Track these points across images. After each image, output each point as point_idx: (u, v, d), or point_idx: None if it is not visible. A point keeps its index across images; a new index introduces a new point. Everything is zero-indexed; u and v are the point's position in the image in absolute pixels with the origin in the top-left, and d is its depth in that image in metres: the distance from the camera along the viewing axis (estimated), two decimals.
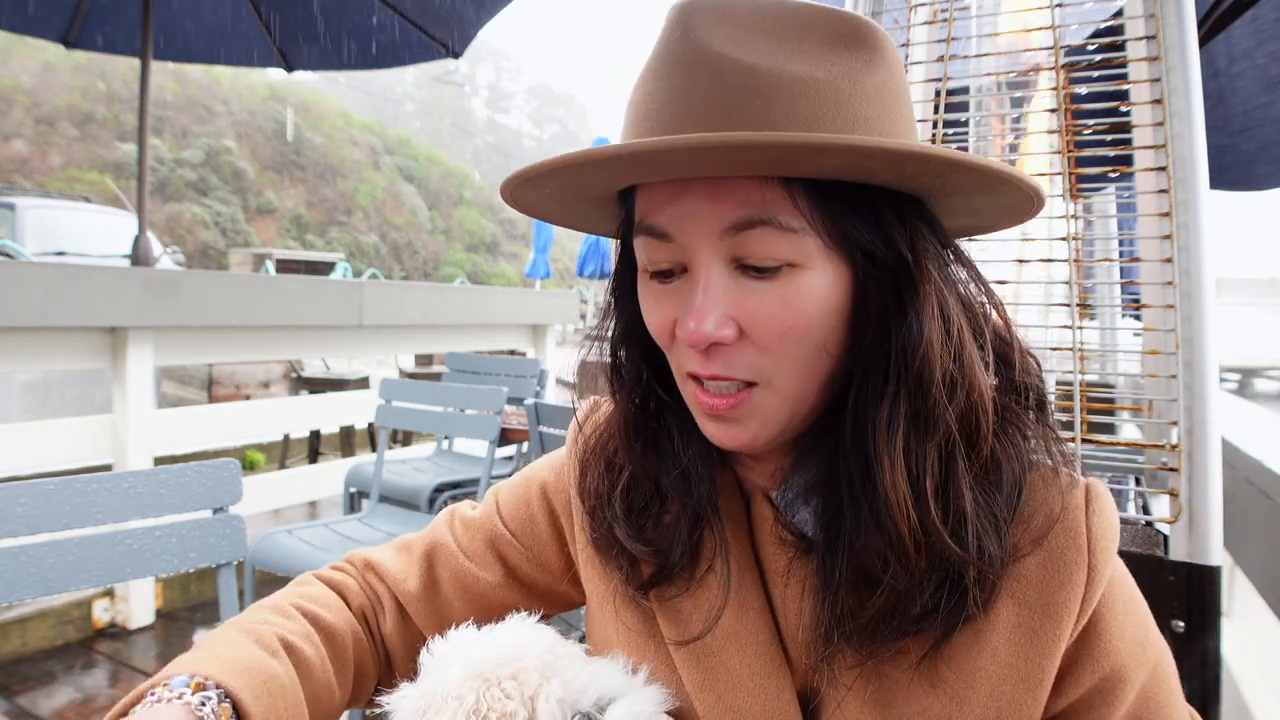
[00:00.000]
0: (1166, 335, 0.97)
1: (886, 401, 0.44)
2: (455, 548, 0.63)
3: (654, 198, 0.46)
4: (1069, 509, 0.47)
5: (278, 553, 2.01)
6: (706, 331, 0.44)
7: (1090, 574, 0.46)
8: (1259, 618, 1.32)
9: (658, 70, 0.45)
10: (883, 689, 0.47)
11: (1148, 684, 0.48)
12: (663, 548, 0.52)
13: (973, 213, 0.48)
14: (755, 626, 0.50)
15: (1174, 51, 0.99)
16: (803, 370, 0.46)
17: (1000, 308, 0.49)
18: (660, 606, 0.53)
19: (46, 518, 1.04)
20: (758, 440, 0.48)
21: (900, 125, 0.45)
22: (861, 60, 0.44)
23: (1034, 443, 0.49)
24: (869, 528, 0.44)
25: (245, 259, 8.68)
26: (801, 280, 0.44)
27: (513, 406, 2.74)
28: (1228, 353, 11.01)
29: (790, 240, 0.43)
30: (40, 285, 2.30)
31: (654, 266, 0.48)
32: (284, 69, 4.07)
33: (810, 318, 0.44)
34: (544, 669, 0.48)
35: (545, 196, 0.50)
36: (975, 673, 0.46)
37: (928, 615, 0.44)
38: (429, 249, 24.07)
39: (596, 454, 0.58)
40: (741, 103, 0.42)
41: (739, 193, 0.43)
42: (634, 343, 0.54)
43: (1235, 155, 2.08)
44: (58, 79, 16.55)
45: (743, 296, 0.45)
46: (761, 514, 0.53)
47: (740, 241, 0.44)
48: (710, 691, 0.50)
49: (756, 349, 0.45)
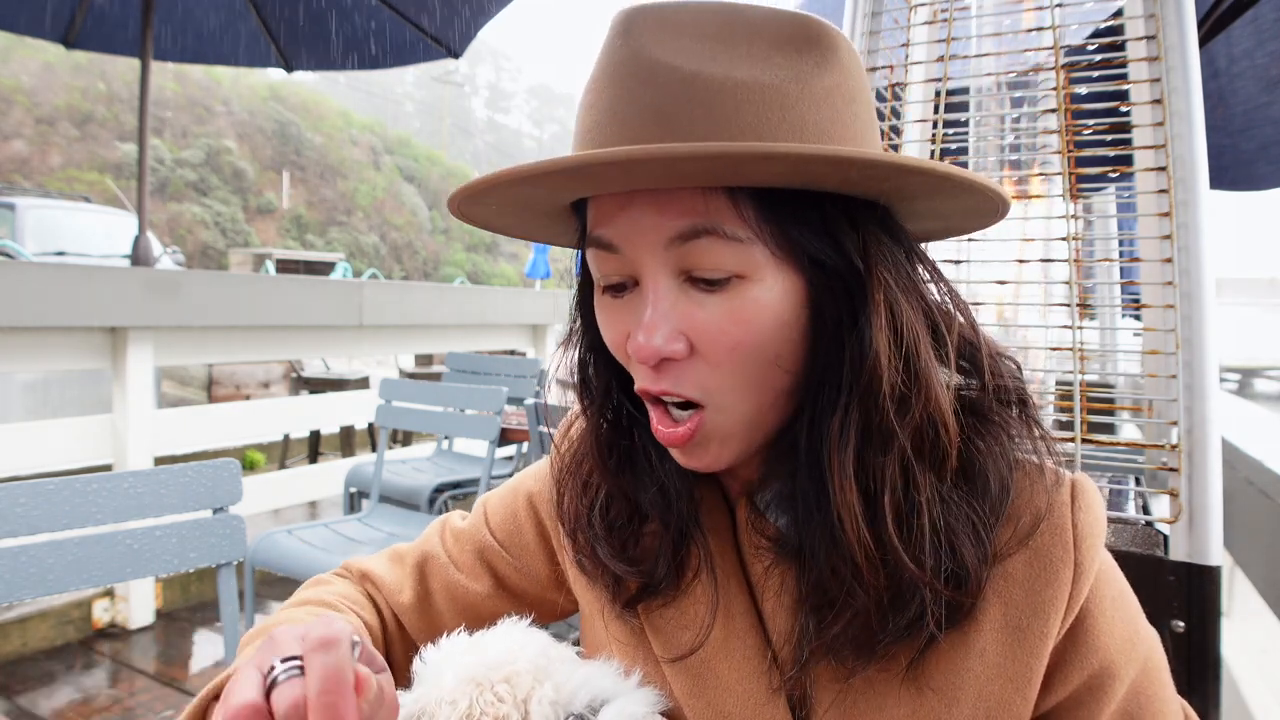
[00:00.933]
0: (1166, 335, 0.97)
1: (838, 414, 0.43)
2: (446, 559, 0.63)
3: (601, 210, 0.45)
4: (1055, 505, 0.47)
5: (278, 553, 2.01)
6: (656, 346, 0.43)
7: (1077, 570, 0.46)
8: (1259, 618, 1.32)
9: (600, 81, 0.44)
10: (870, 695, 0.46)
11: (1138, 679, 0.47)
12: (646, 565, 0.51)
13: (935, 215, 0.47)
14: (743, 634, 0.50)
15: (1174, 51, 0.99)
16: (754, 386, 0.45)
17: (966, 310, 0.48)
18: (648, 621, 0.53)
19: (46, 518, 1.04)
20: (720, 461, 0.47)
21: (854, 128, 0.44)
22: (812, 62, 0.43)
23: (1018, 440, 0.48)
24: (825, 544, 0.43)
25: (245, 259, 8.69)
26: (750, 292, 0.43)
27: (513, 406, 2.74)
28: (1228, 353, 11.01)
29: (737, 250, 0.42)
30: (40, 285, 2.30)
31: (605, 280, 0.47)
32: (284, 69, 4.08)
33: (760, 332, 0.43)
34: (536, 672, 0.48)
35: (494, 212, 0.49)
36: (963, 674, 0.45)
37: (902, 631, 0.43)
38: (429, 249, 24.07)
39: (572, 474, 0.57)
40: (680, 112, 0.41)
41: (683, 203, 0.42)
42: (600, 357, 0.53)
43: (1235, 155, 2.08)
44: (58, 79, 16.55)
45: (692, 310, 0.44)
46: (745, 517, 0.52)
47: (686, 253, 0.43)
48: (700, 699, 0.49)
49: (707, 365, 0.44)
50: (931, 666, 0.46)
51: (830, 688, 0.47)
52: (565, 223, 0.52)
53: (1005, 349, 0.50)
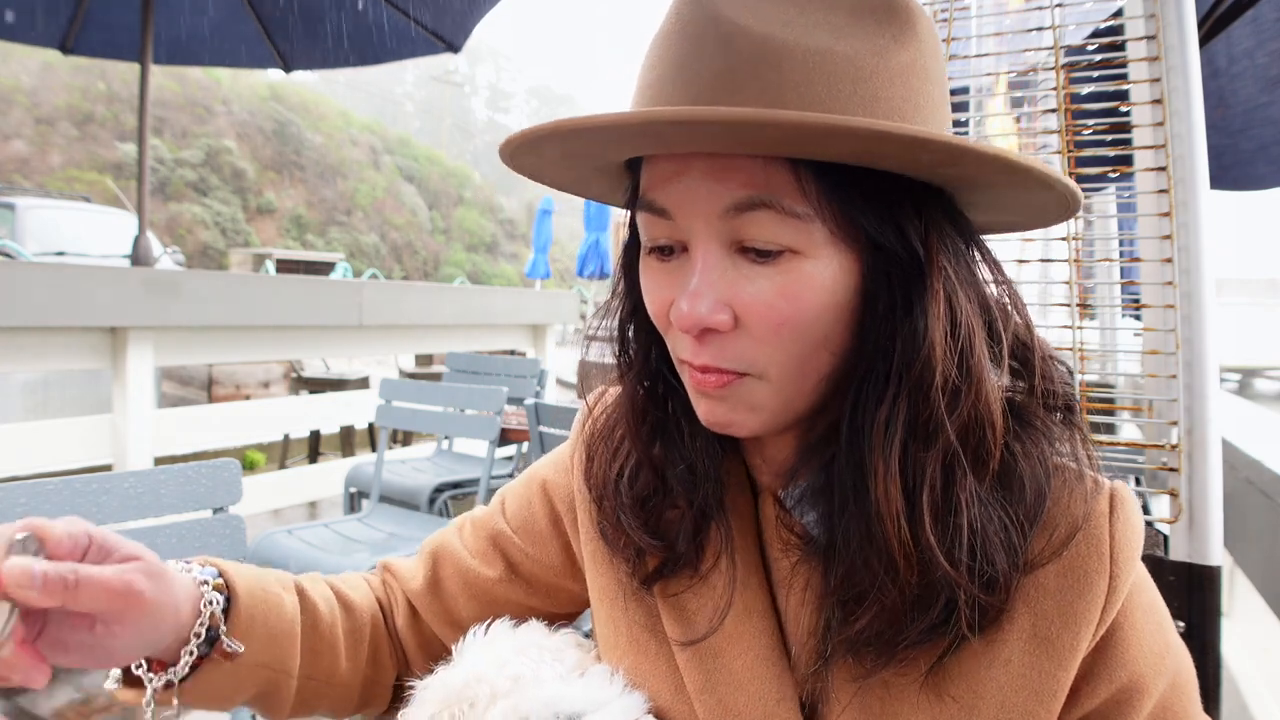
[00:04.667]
0: (1166, 335, 0.97)
1: (885, 405, 0.41)
2: (459, 546, 0.64)
3: (657, 172, 0.44)
4: (1093, 516, 0.45)
5: (278, 553, 2.01)
6: (700, 314, 0.42)
7: (1111, 583, 0.44)
8: (1259, 618, 1.32)
9: (666, 37, 0.43)
10: (887, 699, 0.45)
11: (1166, 694, 0.46)
12: (668, 541, 0.51)
13: (1000, 208, 0.45)
14: (759, 629, 0.49)
15: (1174, 51, 0.99)
16: (799, 367, 0.43)
17: (1023, 310, 0.47)
18: (664, 603, 0.52)
19: (46, 518, 1.04)
20: (745, 425, 0.46)
21: (926, 109, 0.42)
22: (890, 36, 0.41)
23: (1060, 445, 0.47)
24: (861, 538, 0.42)
25: (245, 259, 8.69)
26: (803, 269, 0.41)
27: (513, 406, 2.74)
28: (1228, 353, 11.01)
29: (794, 226, 0.41)
30: (40, 285, 2.30)
31: (653, 242, 0.46)
32: (283, 69, 4.07)
33: (810, 311, 0.42)
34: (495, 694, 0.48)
35: (547, 163, 0.47)
36: (985, 684, 0.44)
37: (926, 633, 0.42)
38: (429, 249, 24.06)
39: (604, 439, 0.56)
40: (749, 75, 0.39)
41: (744, 172, 0.41)
42: (640, 322, 0.52)
43: (1235, 155, 2.08)
44: (58, 79, 16.54)
45: (740, 282, 0.42)
46: (768, 514, 0.51)
47: (741, 224, 0.41)
48: (711, 694, 0.49)
49: (751, 340, 0.43)
50: (952, 674, 0.44)
51: (846, 689, 0.46)
52: (617, 179, 0.50)
53: (1057, 353, 0.48)
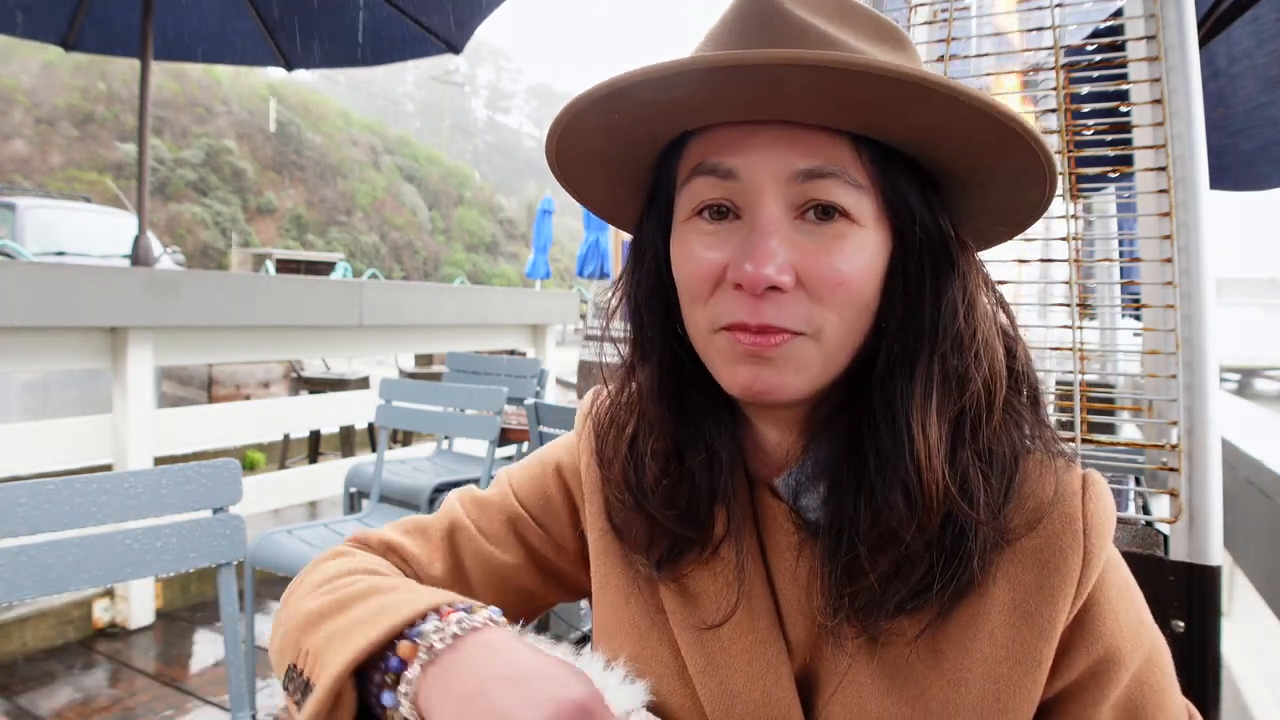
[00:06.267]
0: (1166, 335, 0.97)
1: (921, 366, 0.46)
2: (475, 530, 0.62)
3: (725, 137, 0.46)
4: (1064, 495, 0.48)
5: (278, 553, 2.01)
6: (767, 274, 0.43)
7: (1085, 558, 0.46)
8: (1259, 618, 1.31)
9: (726, 23, 0.46)
10: (882, 669, 0.47)
11: (1142, 668, 0.48)
12: (679, 522, 0.52)
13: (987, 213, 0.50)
14: (759, 612, 0.51)
15: (1174, 51, 0.99)
16: (848, 328, 0.46)
17: (1006, 305, 0.51)
18: (672, 587, 0.53)
19: (46, 518, 1.04)
20: (788, 389, 0.46)
21: None
22: (905, 57, 0.47)
23: (1028, 430, 0.49)
24: (893, 488, 0.45)
25: (245, 259, 8.69)
26: (855, 236, 0.45)
27: (513, 406, 2.74)
28: (1228, 353, 11.01)
29: (854, 197, 0.45)
30: (40, 285, 2.30)
31: (707, 202, 0.47)
32: (284, 68, 4.08)
33: (863, 274, 0.45)
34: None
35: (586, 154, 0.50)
36: (973, 655, 0.46)
37: (931, 580, 0.45)
38: (429, 249, 24.07)
39: (616, 420, 0.57)
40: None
41: (812, 144, 0.44)
42: (659, 304, 0.53)
43: (1235, 155, 2.08)
44: (58, 79, 16.54)
45: (804, 244, 0.45)
46: (765, 501, 0.53)
47: (805, 190, 0.44)
48: (713, 676, 0.50)
49: (810, 299, 0.45)
50: (940, 648, 0.46)
51: (840, 666, 0.48)
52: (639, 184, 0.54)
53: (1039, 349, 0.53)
